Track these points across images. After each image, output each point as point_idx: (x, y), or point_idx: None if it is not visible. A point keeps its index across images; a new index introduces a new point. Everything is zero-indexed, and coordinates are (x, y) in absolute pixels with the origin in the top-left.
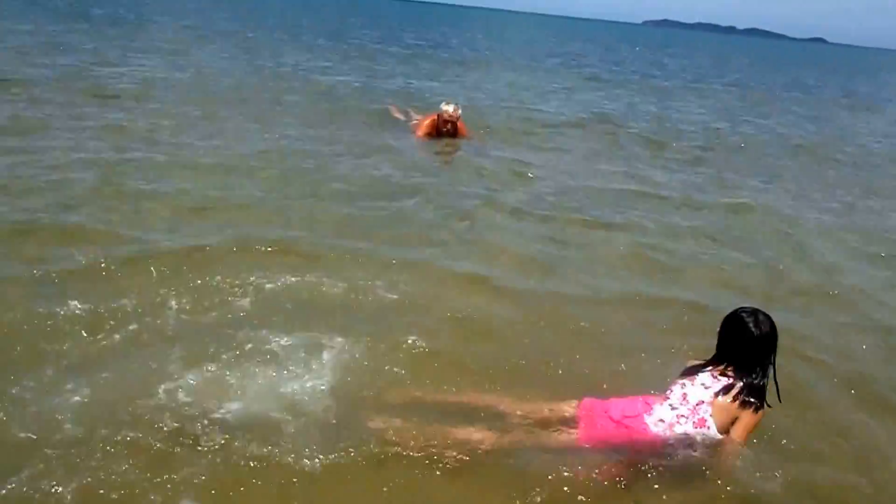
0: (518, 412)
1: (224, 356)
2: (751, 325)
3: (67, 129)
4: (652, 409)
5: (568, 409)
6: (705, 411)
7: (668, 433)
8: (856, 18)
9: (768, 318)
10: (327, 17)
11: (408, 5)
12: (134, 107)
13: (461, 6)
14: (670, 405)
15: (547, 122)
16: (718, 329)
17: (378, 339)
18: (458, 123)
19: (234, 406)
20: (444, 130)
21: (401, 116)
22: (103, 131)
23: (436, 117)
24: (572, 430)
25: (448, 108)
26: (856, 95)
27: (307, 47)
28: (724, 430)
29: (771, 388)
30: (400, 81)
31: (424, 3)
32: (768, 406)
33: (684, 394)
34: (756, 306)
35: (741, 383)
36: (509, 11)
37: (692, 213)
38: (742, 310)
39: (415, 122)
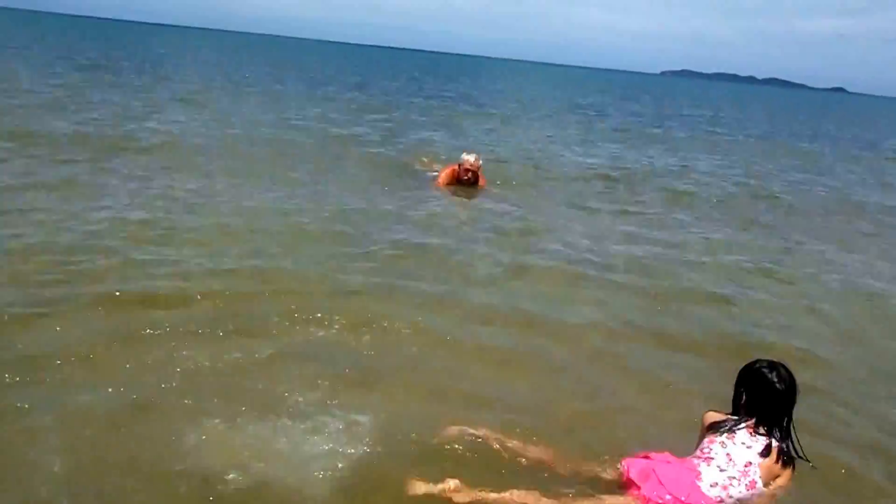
0: (567, 469)
1: (243, 412)
2: (775, 380)
3: (94, 185)
4: (700, 472)
5: (614, 470)
6: (755, 473)
7: (723, 496)
8: (876, 69)
9: (788, 370)
10: (350, 68)
11: (430, 56)
12: (161, 162)
13: (482, 57)
14: (718, 467)
15: (570, 176)
16: (735, 382)
17: (411, 390)
18: (479, 174)
19: (252, 471)
20: (464, 179)
21: (421, 167)
22: (130, 188)
23: (456, 167)
24: (628, 498)
25: (469, 158)
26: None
27: (331, 99)
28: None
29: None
30: (422, 133)
31: (446, 53)
32: (813, 468)
33: (728, 454)
34: (773, 359)
35: (777, 443)
36: (530, 62)
37: (734, 277)
38: (760, 364)
39: (434, 172)
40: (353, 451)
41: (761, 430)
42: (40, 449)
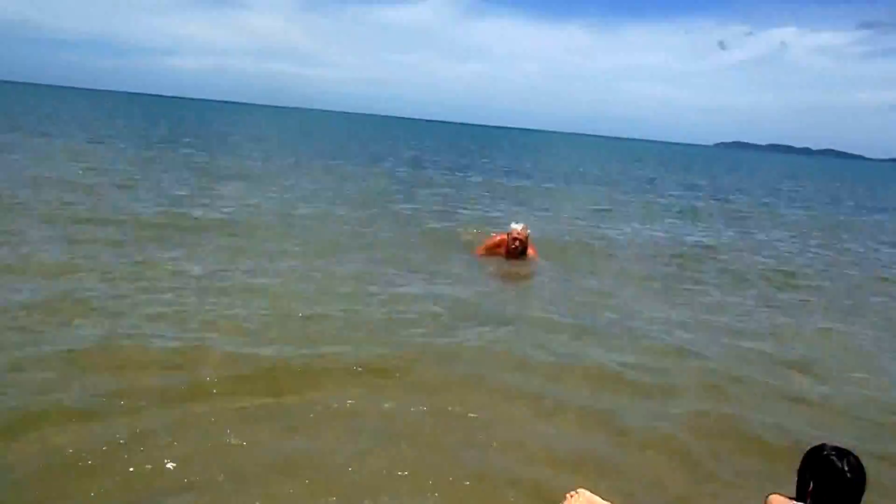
0: None
1: (298, 492)
2: (845, 468)
3: (158, 268)
4: None
5: None
6: None
7: None
8: None
9: (858, 459)
10: (406, 143)
11: (484, 130)
12: (221, 242)
13: (536, 130)
14: None
15: (627, 252)
16: (799, 468)
17: (475, 477)
18: (527, 243)
19: None
20: (512, 248)
21: (470, 238)
22: (191, 269)
23: (505, 236)
24: None
25: (516, 227)
26: None
27: (388, 173)
28: None
29: None
30: (476, 206)
31: (500, 127)
32: None
33: None
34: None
35: None
36: (585, 135)
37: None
38: (829, 451)
39: (482, 242)
40: None
41: None
42: None
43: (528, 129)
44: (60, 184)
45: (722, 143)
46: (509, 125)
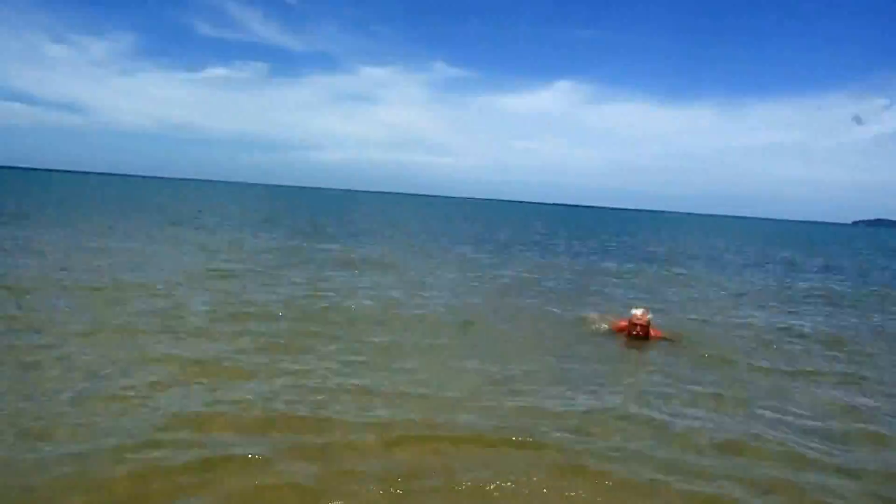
0: None
1: None
2: None
3: (310, 371)
4: None
5: None
6: None
7: None
8: None
9: None
10: (532, 228)
11: (613, 213)
12: (352, 333)
13: (662, 211)
14: None
15: (763, 339)
16: None
17: None
18: (648, 328)
19: None
20: (633, 334)
21: (597, 326)
22: (345, 370)
23: (627, 322)
24: None
25: (637, 312)
26: None
27: (516, 259)
28: None
29: None
30: (604, 291)
31: (623, 209)
32: None
33: None
34: None
35: None
36: (712, 215)
37: None
38: None
39: (607, 326)
40: None
41: None
42: None
43: (656, 211)
44: (210, 275)
45: (862, 220)
46: (636, 207)
